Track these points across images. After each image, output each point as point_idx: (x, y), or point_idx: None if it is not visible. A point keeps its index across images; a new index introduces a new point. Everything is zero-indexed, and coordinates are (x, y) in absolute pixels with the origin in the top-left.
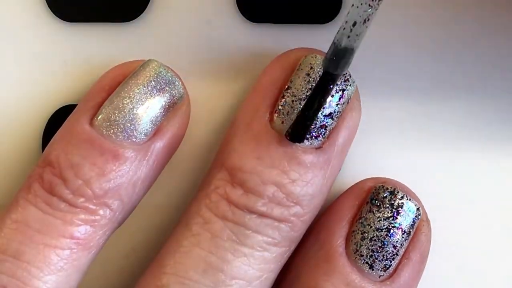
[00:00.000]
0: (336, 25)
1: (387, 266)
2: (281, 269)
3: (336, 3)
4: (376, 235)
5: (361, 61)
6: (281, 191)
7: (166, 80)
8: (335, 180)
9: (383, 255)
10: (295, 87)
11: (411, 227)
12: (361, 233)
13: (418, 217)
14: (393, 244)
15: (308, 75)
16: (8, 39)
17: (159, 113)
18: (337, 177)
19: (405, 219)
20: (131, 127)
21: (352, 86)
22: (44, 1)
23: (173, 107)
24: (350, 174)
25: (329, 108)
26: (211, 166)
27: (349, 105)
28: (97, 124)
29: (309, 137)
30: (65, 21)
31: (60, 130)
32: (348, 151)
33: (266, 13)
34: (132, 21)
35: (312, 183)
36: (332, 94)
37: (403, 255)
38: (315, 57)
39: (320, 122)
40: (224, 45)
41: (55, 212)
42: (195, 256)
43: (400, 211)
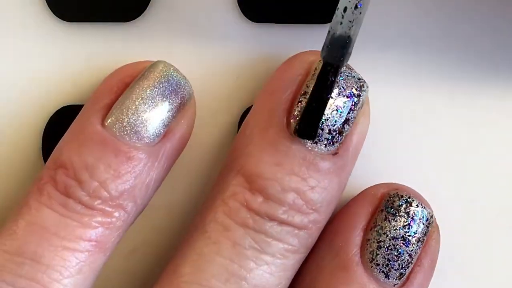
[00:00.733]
0: None
1: (402, 274)
2: (294, 277)
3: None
4: (393, 244)
5: (361, 61)
6: (301, 198)
7: (177, 82)
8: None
9: (399, 264)
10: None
11: (424, 234)
12: (377, 242)
13: (432, 224)
14: (408, 253)
15: None
16: (8, 39)
17: (170, 114)
18: None
19: (419, 227)
20: (144, 128)
21: (366, 91)
22: (44, 1)
23: (183, 108)
24: (354, 177)
25: (347, 114)
26: (223, 171)
27: (361, 110)
28: (108, 125)
29: (327, 144)
30: (65, 21)
31: (69, 132)
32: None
33: (267, 13)
34: (132, 21)
35: (329, 189)
36: (355, 101)
37: (415, 262)
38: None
39: (337, 128)
40: (225, 45)
41: (72, 214)
42: (216, 264)
43: (415, 219)
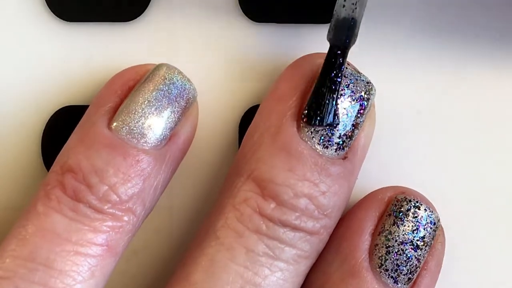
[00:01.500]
0: None
1: (411, 279)
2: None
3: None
4: (401, 248)
5: (364, 62)
6: (313, 203)
7: (181, 84)
8: None
9: (408, 269)
10: None
11: (432, 238)
12: (386, 247)
13: (438, 229)
14: (417, 257)
15: None
16: (7, 39)
17: (176, 117)
18: None
19: (427, 231)
20: (151, 131)
21: (374, 95)
22: (44, 1)
23: (188, 110)
24: (358, 180)
25: (356, 119)
26: (231, 175)
27: (368, 113)
28: (115, 129)
29: (337, 149)
30: (65, 21)
31: (74, 136)
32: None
33: (269, 13)
34: (132, 21)
35: (339, 194)
36: (364, 105)
37: (422, 266)
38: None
39: (347, 132)
40: (226, 45)
41: (82, 218)
42: (231, 271)
43: (423, 223)
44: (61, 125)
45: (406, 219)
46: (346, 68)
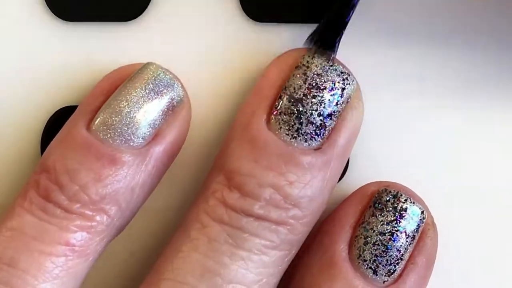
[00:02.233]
0: None
1: (392, 271)
2: (287, 278)
3: None
4: (380, 239)
5: (362, 62)
6: (278, 193)
7: (165, 83)
8: (338, 185)
9: (387, 260)
10: (291, 87)
11: (415, 231)
12: (364, 238)
13: (423, 220)
14: (397, 248)
15: (305, 74)
16: (7, 39)
17: (158, 116)
18: (341, 182)
19: (409, 222)
20: (128, 131)
21: (352, 85)
22: (44, 1)
23: (172, 110)
24: (354, 178)
25: (328, 108)
26: (210, 170)
27: (350, 104)
28: (94, 128)
29: (307, 139)
30: (64, 21)
31: (57, 136)
32: (349, 154)
33: (270, 13)
34: (132, 21)
35: (310, 184)
36: (332, 93)
37: (408, 260)
38: (312, 56)
39: (318, 122)
40: (227, 45)
41: (50, 218)
42: (192, 261)
43: (403, 214)
44: (61, 125)
45: (385, 209)
46: (317, 57)
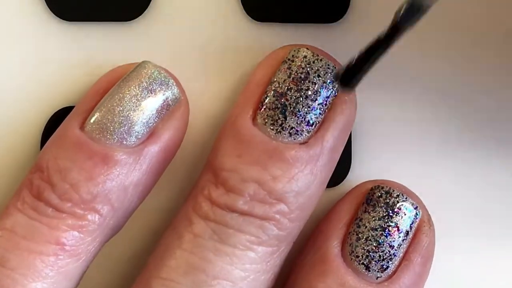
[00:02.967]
0: (343, 24)
1: (384, 267)
2: (283, 278)
3: (343, 2)
4: (371, 234)
5: None
6: (262, 188)
7: (159, 82)
8: (339, 186)
9: (379, 256)
10: (277, 82)
11: (409, 227)
12: (356, 234)
13: (417, 217)
14: (389, 244)
15: (289, 68)
16: (7, 39)
17: (152, 115)
18: (340, 184)
19: (401, 218)
20: (121, 129)
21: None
22: (44, 1)
23: (167, 109)
24: (353, 179)
25: (314, 101)
26: (202, 169)
27: (337, 100)
28: (88, 127)
29: (292, 133)
30: (64, 21)
31: (52, 136)
32: (341, 149)
33: (272, 13)
34: (132, 21)
35: (296, 179)
36: (318, 86)
37: (403, 257)
38: (297, 50)
39: (303, 116)
40: (228, 45)
41: (41, 217)
42: (177, 257)
43: (395, 210)
44: None
45: (377, 205)
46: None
